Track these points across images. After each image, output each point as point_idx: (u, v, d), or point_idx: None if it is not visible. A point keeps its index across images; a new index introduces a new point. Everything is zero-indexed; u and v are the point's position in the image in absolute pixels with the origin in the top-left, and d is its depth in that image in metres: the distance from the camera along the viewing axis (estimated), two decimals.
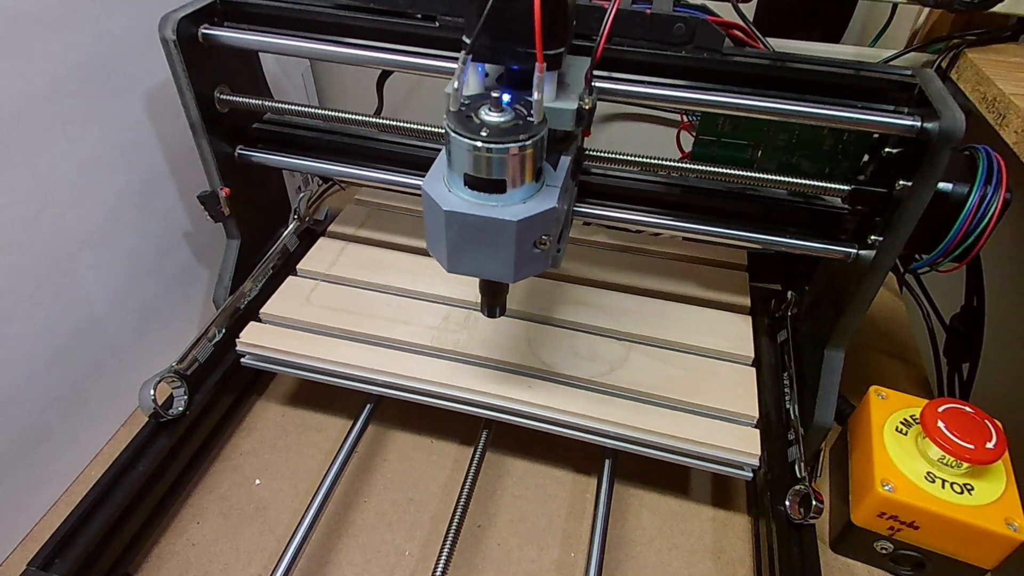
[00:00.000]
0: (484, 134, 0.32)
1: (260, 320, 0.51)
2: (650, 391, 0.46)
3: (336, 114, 0.49)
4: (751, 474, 0.44)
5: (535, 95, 0.32)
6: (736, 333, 0.51)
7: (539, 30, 0.31)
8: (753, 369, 0.48)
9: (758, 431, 0.44)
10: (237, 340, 0.49)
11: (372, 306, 0.52)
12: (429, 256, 0.56)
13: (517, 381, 0.47)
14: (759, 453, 0.43)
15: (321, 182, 0.77)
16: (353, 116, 0.49)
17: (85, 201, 0.47)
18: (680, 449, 0.44)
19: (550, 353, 0.49)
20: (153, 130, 0.51)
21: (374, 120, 0.48)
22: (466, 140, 0.32)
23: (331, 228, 0.60)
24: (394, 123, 0.48)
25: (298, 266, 0.55)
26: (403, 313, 0.52)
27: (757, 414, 0.45)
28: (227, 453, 0.51)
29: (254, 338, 0.50)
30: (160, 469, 0.45)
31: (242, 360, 0.50)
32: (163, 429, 0.46)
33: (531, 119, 0.33)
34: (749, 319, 0.52)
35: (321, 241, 0.58)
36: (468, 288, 0.53)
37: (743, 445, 0.43)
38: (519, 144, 0.32)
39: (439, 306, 0.53)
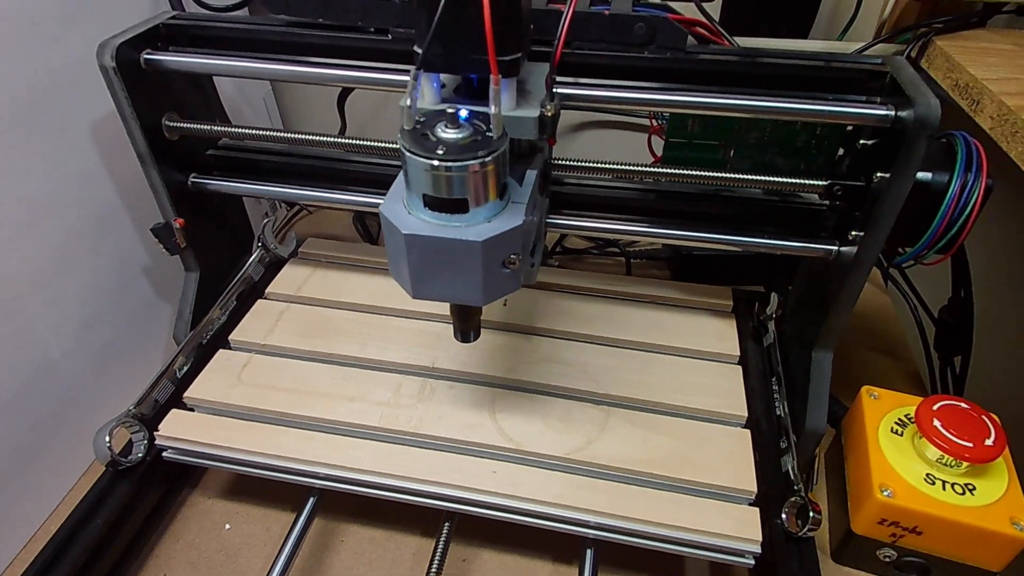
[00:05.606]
0: (441, 152, 0.30)
1: (185, 405, 0.46)
2: (634, 467, 0.41)
3: (293, 136, 0.47)
4: (752, 561, 0.39)
5: (491, 108, 0.31)
6: (726, 389, 0.46)
7: (491, 36, 0.29)
8: (748, 431, 0.44)
9: (757, 510, 0.40)
10: (156, 434, 0.44)
11: (313, 381, 0.47)
12: (382, 315, 0.53)
13: (479, 465, 0.42)
14: (760, 539, 0.38)
15: (288, 208, 0.75)
16: (312, 137, 0.47)
17: (32, 240, 0.44)
18: (670, 538, 0.39)
19: (517, 425, 0.43)
20: (102, 162, 0.49)
21: (333, 140, 0.46)
22: (422, 159, 0.30)
23: (270, 289, 0.54)
24: (355, 142, 0.46)
25: (231, 337, 0.50)
26: (349, 387, 0.46)
27: (755, 488, 0.40)
28: (194, 498, 0.48)
29: (176, 430, 0.44)
30: (121, 520, 0.42)
31: (164, 455, 0.44)
32: (122, 477, 0.43)
33: (490, 134, 0.31)
34: (739, 369, 0.48)
35: (259, 304, 0.53)
36: (425, 351, 0.48)
37: (742, 530, 0.39)
38: (478, 161, 0.30)
39: (391, 375, 0.47)
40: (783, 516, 0.41)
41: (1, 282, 0.42)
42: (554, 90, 0.36)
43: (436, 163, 0.30)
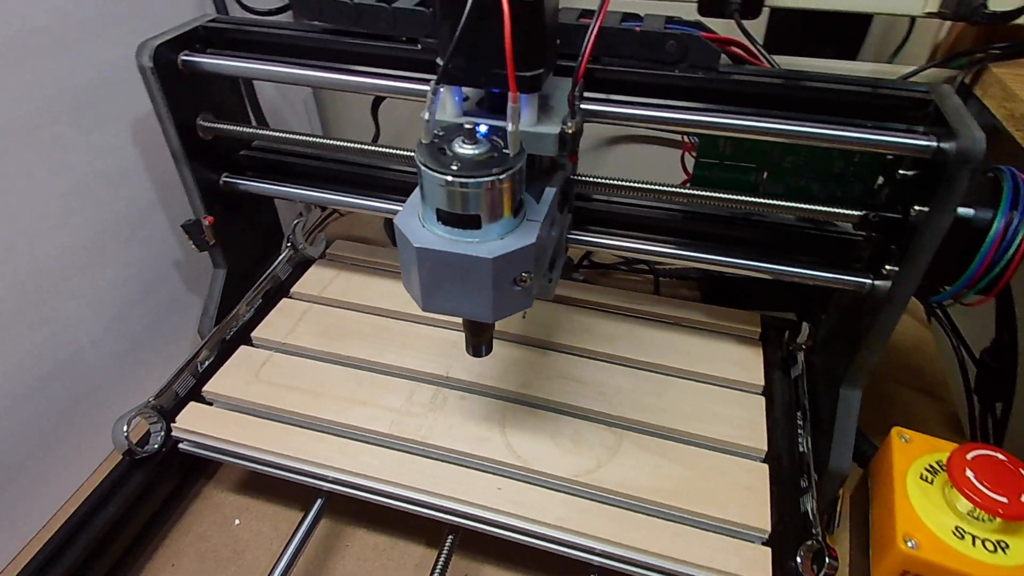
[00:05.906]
0: (455, 168, 0.30)
1: (204, 399, 0.47)
2: (643, 496, 0.40)
3: (323, 141, 0.48)
4: None
5: (509, 126, 0.30)
6: (746, 419, 0.45)
7: (510, 52, 0.29)
8: (765, 466, 0.42)
9: (769, 550, 0.38)
10: (173, 425, 0.45)
11: (329, 383, 0.47)
12: (401, 320, 0.53)
13: (485, 480, 0.41)
14: None
15: (320, 209, 0.76)
16: (342, 143, 0.47)
17: (68, 231, 0.46)
18: (676, 572, 0.38)
19: (527, 443, 0.43)
20: (141, 158, 0.50)
21: (362, 147, 0.46)
22: (436, 174, 0.30)
23: (295, 289, 0.55)
24: (383, 150, 0.46)
25: (253, 334, 0.51)
26: (362, 391, 0.46)
27: (769, 527, 0.39)
28: (207, 491, 0.49)
29: (192, 423, 0.45)
30: (134, 508, 0.43)
31: (179, 446, 0.45)
32: (138, 466, 0.44)
33: (507, 151, 0.31)
34: (762, 400, 0.46)
35: (283, 303, 0.54)
36: (441, 359, 0.48)
37: (750, 570, 0.37)
38: (493, 178, 0.30)
39: (404, 382, 0.47)
40: (798, 559, 0.39)
41: (36, 271, 0.44)
42: (579, 106, 0.35)
43: (450, 179, 0.30)
